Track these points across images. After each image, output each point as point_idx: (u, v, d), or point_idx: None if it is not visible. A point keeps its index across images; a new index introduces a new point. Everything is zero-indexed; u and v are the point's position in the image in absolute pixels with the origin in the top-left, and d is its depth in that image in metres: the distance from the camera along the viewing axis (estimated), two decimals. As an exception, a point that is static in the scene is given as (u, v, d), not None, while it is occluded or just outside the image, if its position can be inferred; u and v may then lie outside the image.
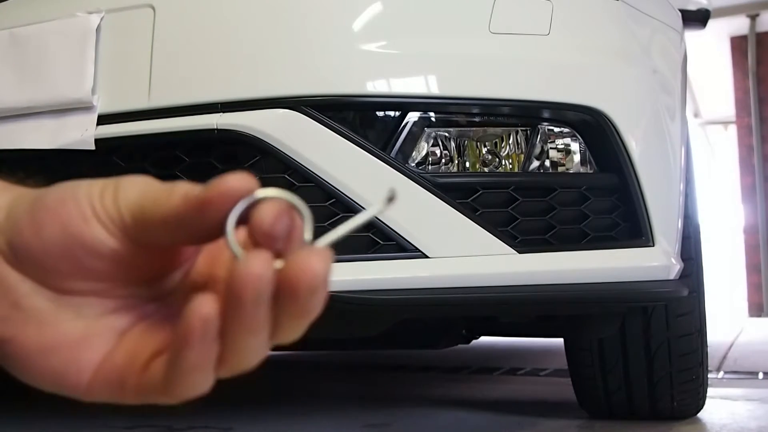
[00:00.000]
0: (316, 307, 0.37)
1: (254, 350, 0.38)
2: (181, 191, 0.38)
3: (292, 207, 0.38)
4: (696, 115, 10.85)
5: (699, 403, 1.78)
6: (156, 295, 0.42)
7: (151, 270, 0.41)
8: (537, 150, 1.29)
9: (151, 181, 0.40)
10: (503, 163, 1.28)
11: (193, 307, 0.36)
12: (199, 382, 0.38)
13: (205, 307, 0.36)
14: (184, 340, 0.36)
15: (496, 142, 1.28)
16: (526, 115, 1.28)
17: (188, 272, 0.42)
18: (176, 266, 0.42)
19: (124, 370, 0.40)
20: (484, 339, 2.75)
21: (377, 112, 1.22)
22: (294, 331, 0.38)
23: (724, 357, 3.49)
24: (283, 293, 0.37)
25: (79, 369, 0.40)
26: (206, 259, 0.42)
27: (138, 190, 0.39)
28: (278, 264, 0.37)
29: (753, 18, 8.49)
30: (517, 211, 1.24)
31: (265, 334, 0.38)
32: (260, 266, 0.36)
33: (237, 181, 0.37)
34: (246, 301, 0.36)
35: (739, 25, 8.59)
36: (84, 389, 0.41)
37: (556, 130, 1.30)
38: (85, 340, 0.40)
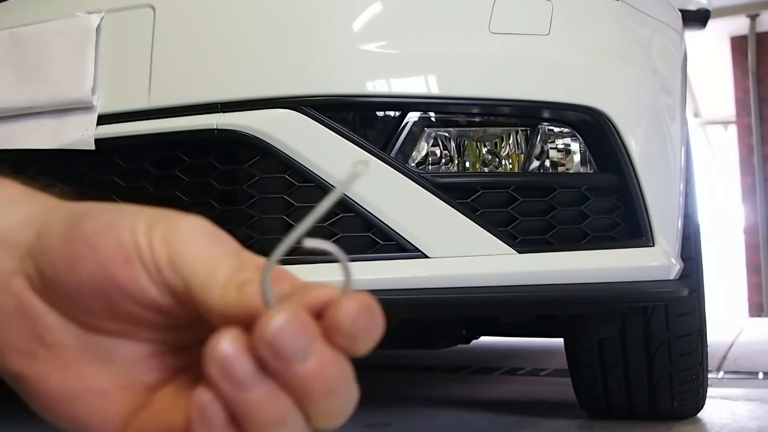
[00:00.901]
0: (347, 393, 0.34)
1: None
2: (250, 294, 0.34)
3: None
4: (696, 115, 10.84)
5: (699, 403, 1.78)
6: (188, 341, 0.39)
7: (187, 317, 0.37)
8: (537, 150, 1.29)
9: (208, 238, 0.36)
10: (503, 163, 1.28)
11: (193, 395, 0.33)
12: None
13: (201, 395, 0.33)
14: (188, 429, 0.34)
15: (496, 142, 1.28)
16: (526, 115, 1.28)
17: None
18: None
19: None
20: (484, 339, 2.75)
21: (377, 112, 1.22)
22: (331, 416, 0.35)
23: (724, 357, 3.49)
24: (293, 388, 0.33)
25: (105, 422, 0.37)
26: None
27: (195, 251, 0.35)
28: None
29: (753, 18, 8.48)
30: (517, 211, 1.24)
31: (292, 423, 0.34)
32: (228, 346, 0.33)
33: (324, 294, 0.34)
34: (227, 385, 0.33)
35: (739, 25, 8.58)
36: None
37: (556, 130, 1.30)
38: (113, 392, 0.37)
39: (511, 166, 1.28)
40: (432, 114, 1.24)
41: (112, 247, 0.35)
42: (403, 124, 1.22)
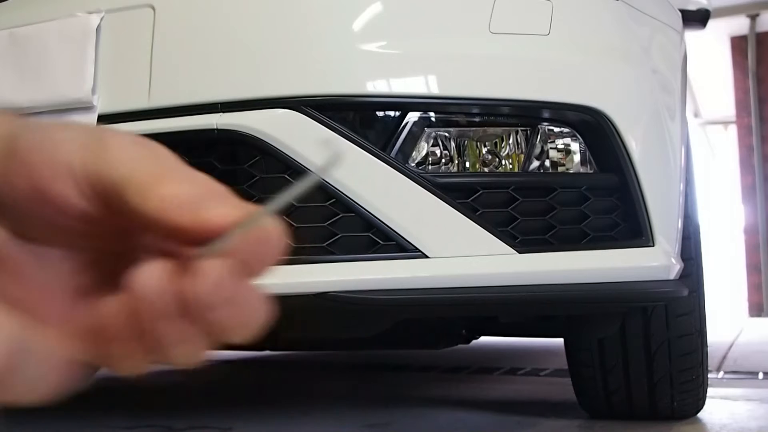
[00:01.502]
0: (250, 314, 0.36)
1: (183, 350, 0.36)
2: (157, 197, 0.35)
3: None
4: (696, 115, 10.85)
5: (699, 403, 1.78)
6: (129, 247, 0.40)
7: (125, 227, 0.38)
8: (537, 150, 1.29)
9: (141, 152, 0.37)
10: (503, 163, 1.28)
11: (136, 278, 0.35)
12: (133, 365, 0.36)
13: (147, 279, 0.35)
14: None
15: (496, 142, 1.28)
16: (526, 115, 1.28)
17: None
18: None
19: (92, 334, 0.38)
20: (484, 339, 2.75)
21: (377, 112, 1.22)
22: (239, 335, 0.36)
23: (724, 357, 3.49)
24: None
25: (44, 322, 0.38)
26: None
27: (126, 164, 0.36)
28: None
29: (753, 18, 8.49)
30: (517, 211, 1.25)
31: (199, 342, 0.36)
32: (151, 280, 0.34)
33: (217, 216, 0.36)
34: (145, 314, 0.34)
35: (739, 25, 8.59)
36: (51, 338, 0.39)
37: (556, 130, 1.30)
38: (51, 294, 0.38)
39: (511, 166, 1.28)
40: (432, 114, 1.24)
41: (44, 164, 0.36)
42: (403, 124, 1.22)
